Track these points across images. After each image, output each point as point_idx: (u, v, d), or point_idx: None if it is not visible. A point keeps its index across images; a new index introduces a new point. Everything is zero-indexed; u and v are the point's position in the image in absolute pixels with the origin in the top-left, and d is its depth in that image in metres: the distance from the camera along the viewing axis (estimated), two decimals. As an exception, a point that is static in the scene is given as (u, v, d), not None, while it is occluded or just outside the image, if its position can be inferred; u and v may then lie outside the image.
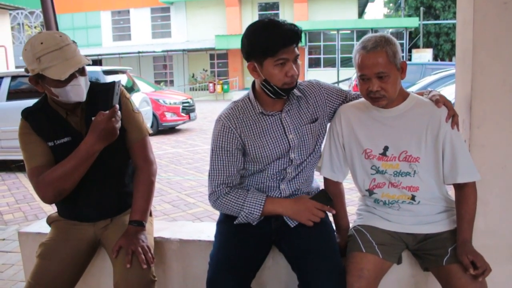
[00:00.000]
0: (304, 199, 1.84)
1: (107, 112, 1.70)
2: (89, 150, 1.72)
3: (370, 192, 1.86)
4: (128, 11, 30.75)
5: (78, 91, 1.76)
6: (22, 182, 6.57)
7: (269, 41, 1.65)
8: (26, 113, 1.85)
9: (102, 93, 1.82)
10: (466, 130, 1.94)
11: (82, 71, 1.77)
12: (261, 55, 1.69)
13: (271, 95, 1.77)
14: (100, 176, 1.88)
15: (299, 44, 1.73)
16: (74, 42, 1.78)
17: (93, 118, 1.74)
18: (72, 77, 1.72)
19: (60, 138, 1.83)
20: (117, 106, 1.73)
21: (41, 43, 1.68)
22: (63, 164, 1.75)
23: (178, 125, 11.95)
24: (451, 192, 1.88)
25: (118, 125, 1.74)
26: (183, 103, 11.61)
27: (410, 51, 26.24)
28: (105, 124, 1.69)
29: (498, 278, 1.82)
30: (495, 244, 1.96)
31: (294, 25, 1.70)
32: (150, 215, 2.07)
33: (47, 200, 1.82)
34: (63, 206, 1.97)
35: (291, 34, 1.66)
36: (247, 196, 1.80)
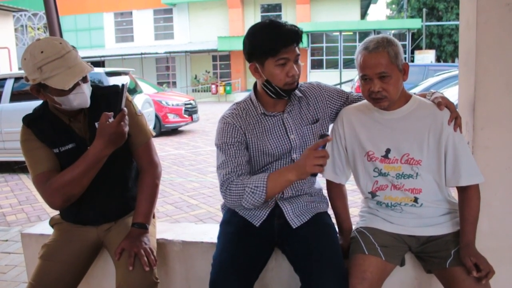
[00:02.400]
0: (303, 153, 1.70)
1: (111, 113, 1.68)
2: (99, 155, 1.69)
3: (373, 194, 1.85)
4: (131, 13, 30.79)
5: (82, 98, 1.75)
6: (25, 184, 6.59)
7: (270, 40, 1.66)
8: (28, 120, 1.82)
9: (106, 97, 1.81)
10: (470, 132, 1.94)
11: (84, 78, 1.74)
12: (262, 55, 1.69)
13: (272, 95, 1.77)
14: (104, 181, 1.86)
15: (301, 45, 1.73)
16: (74, 48, 1.75)
17: (96, 124, 1.72)
18: (75, 85, 1.70)
19: (65, 144, 1.81)
20: (125, 109, 1.70)
21: (41, 52, 1.64)
22: (72, 170, 1.72)
23: (180, 126, 11.97)
24: (454, 193, 1.87)
25: (127, 129, 1.71)
26: (185, 104, 11.62)
27: (412, 53, 26.20)
28: (115, 128, 1.66)
29: (501, 281, 1.81)
30: (499, 246, 1.95)
31: (295, 26, 1.71)
32: (153, 217, 2.07)
33: (55, 206, 1.80)
34: (66, 210, 1.95)
35: (292, 33, 1.67)
36: (251, 177, 1.74)
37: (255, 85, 1.88)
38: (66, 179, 1.72)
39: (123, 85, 1.74)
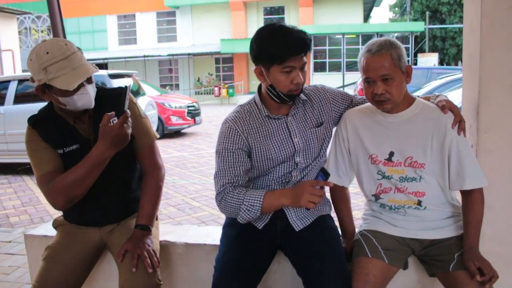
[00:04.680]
0: (301, 183, 1.74)
1: (113, 113, 1.68)
2: (101, 157, 1.70)
3: (376, 197, 1.85)
4: (134, 15, 30.91)
5: (86, 99, 1.75)
6: (28, 185, 6.60)
7: (277, 48, 1.64)
8: (33, 121, 1.83)
9: (111, 99, 1.81)
10: (474, 135, 1.93)
11: (89, 79, 1.75)
12: (268, 61, 1.68)
13: (276, 99, 1.77)
14: (107, 182, 1.86)
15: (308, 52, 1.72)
16: (79, 49, 1.76)
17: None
18: (79, 86, 1.71)
19: (69, 145, 1.82)
20: (129, 111, 1.70)
21: (47, 52, 1.66)
22: (74, 171, 1.73)
23: (183, 128, 11.98)
24: (458, 197, 1.86)
25: (130, 131, 1.72)
26: (188, 107, 11.64)
27: (415, 56, 26.20)
28: (118, 130, 1.66)
29: (505, 285, 1.80)
30: (502, 250, 1.94)
31: (304, 33, 1.67)
32: (156, 219, 2.07)
33: (58, 206, 1.81)
34: (69, 210, 1.95)
35: (300, 43, 1.65)
36: (247, 191, 1.76)
37: (259, 87, 1.87)
38: (68, 180, 1.73)
39: (126, 87, 1.74)
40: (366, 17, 33.63)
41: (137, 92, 9.94)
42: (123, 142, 1.72)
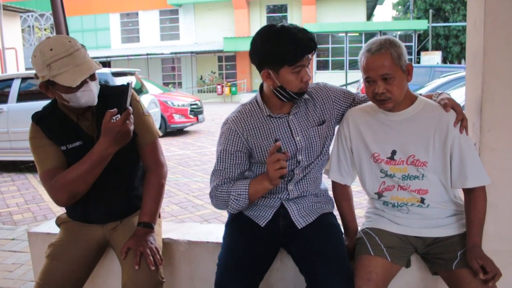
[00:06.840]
0: None
1: (115, 110, 1.69)
2: (103, 153, 1.71)
3: (379, 195, 1.85)
4: (137, 14, 30.93)
5: (89, 96, 1.76)
6: (32, 183, 6.62)
7: (288, 50, 1.63)
8: (37, 118, 1.84)
9: (114, 96, 1.82)
10: (477, 133, 1.93)
11: (92, 76, 1.76)
12: (278, 63, 1.67)
13: (284, 100, 1.77)
14: (110, 179, 1.87)
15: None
16: (83, 46, 1.77)
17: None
18: (83, 82, 1.72)
19: (72, 142, 1.83)
20: (130, 108, 1.71)
21: (51, 49, 1.67)
22: (77, 167, 1.74)
23: (186, 127, 12.00)
24: (462, 194, 1.86)
25: (132, 127, 1.73)
26: (191, 105, 11.65)
27: (418, 54, 26.11)
28: (120, 127, 1.67)
29: (508, 283, 1.80)
30: (505, 248, 1.94)
31: (307, 31, 1.67)
32: (159, 216, 2.07)
33: (60, 203, 1.82)
34: (72, 208, 1.97)
35: (309, 43, 1.65)
36: (234, 184, 1.81)
37: (261, 86, 1.87)
38: (71, 176, 1.74)
39: (128, 84, 1.75)
40: (369, 15, 33.51)
41: (140, 90, 9.95)
42: (126, 139, 1.72)
